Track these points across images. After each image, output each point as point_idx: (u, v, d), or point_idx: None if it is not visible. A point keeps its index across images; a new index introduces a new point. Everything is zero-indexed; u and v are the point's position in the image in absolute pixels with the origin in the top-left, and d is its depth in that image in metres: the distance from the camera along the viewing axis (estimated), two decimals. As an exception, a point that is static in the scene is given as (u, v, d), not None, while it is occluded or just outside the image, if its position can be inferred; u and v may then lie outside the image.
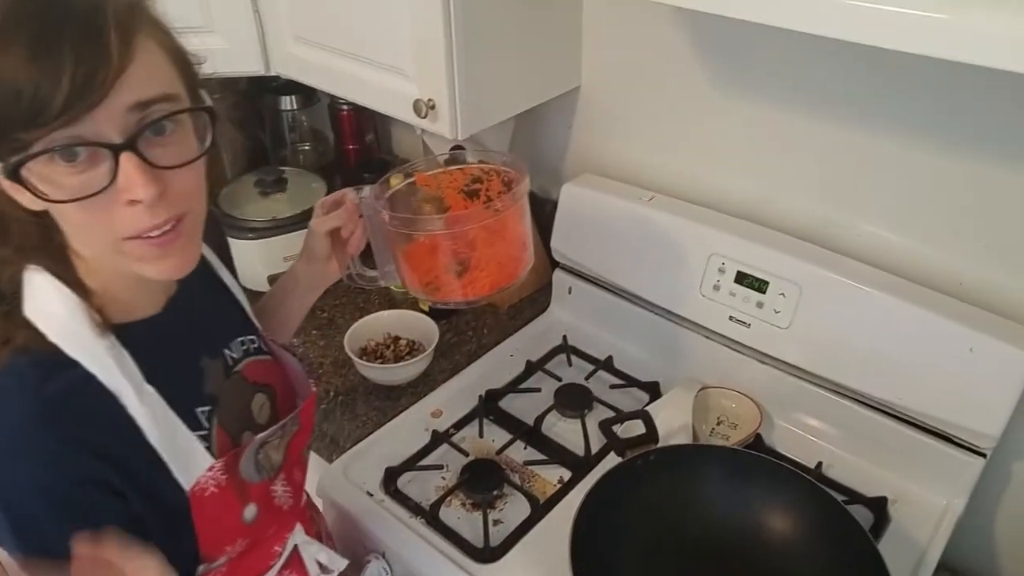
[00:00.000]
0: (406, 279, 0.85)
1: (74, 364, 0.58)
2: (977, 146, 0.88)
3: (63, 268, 0.60)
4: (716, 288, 1.07)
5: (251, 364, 0.75)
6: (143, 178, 0.53)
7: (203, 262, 0.72)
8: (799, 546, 0.85)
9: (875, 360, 0.95)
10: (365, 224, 0.84)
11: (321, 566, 0.81)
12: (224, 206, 1.32)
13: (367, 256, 0.89)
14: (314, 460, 1.12)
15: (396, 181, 0.87)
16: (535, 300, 1.37)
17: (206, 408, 0.67)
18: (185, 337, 0.68)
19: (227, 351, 0.73)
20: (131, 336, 0.62)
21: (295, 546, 0.78)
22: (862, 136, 0.96)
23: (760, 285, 1.03)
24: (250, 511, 0.68)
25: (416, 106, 0.99)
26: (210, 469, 0.63)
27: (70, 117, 0.49)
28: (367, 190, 0.83)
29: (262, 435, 0.70)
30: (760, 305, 1.03)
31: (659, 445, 0.91)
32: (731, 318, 1.07)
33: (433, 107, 0.99)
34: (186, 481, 0.62)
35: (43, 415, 0.56)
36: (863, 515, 0.95)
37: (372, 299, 1.38)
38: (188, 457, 0.63)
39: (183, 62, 0.59)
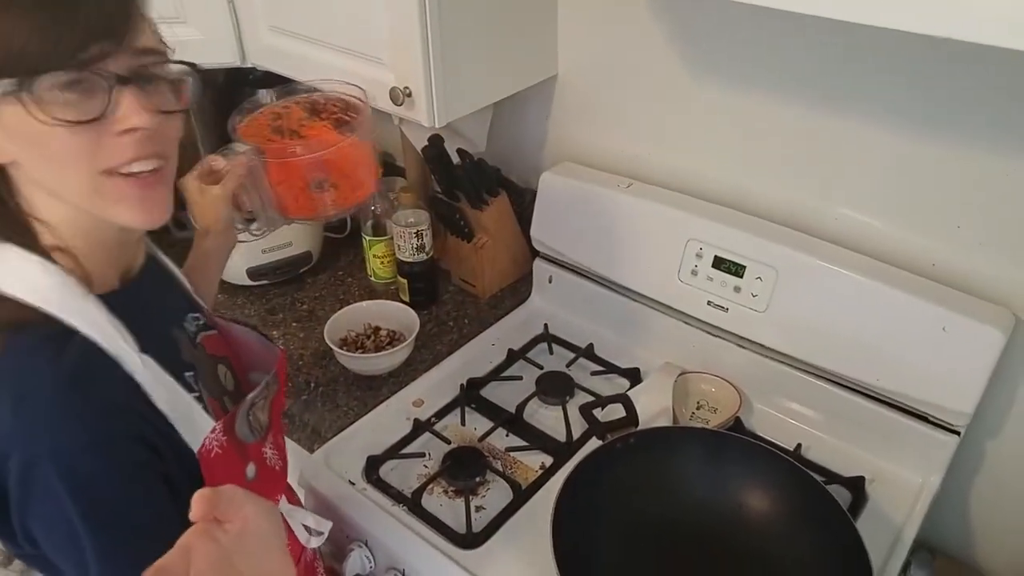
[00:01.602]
0: (287, 209, 0.90)
1: (75, 331, 0.59)
2: (951, 128, 0.89)
3: (28, 238, 0.61)
4: (694, 273, 1.08)
5: (206, 338, 0.76)
6: (145, 108, 0.57)
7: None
8: (779, 526, 0.86)
9: (852, 342, 0.96)
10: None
11: (308, 529, 0.81)
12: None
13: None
14: (295, 450, 1.12)
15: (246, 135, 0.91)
16: (516, 289, 1.37)
17: (191, 373, 0.68)
18: (152, 309, 0.69)
19: (186, 324, 0.73)
20: (111, 306, 0.62)
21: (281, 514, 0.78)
22: (836, 119, 0.97)
23: (737, 269, 1.04)
24: (251, 469, 0.69)
25: (392, 94, 0.98)
26: (212, 431, 0.64)
27: (95, 52, 0.54)
28: (239, 145, 0.86)
29: (251, 395, 0.71)
30: (737, 289, 1.04)
31: (639, 428, 0.91)
32: (709, 303, 1.08)
33: (409, 94, 0.98)
34: (193, 443, 0.63)
35: (73, 380, 0.57)
36: (841, 495, 0.96)
37: (352, 290, 1.38)
38: (191, 419, 0.64)
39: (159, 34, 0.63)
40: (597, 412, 0.98)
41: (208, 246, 0.90)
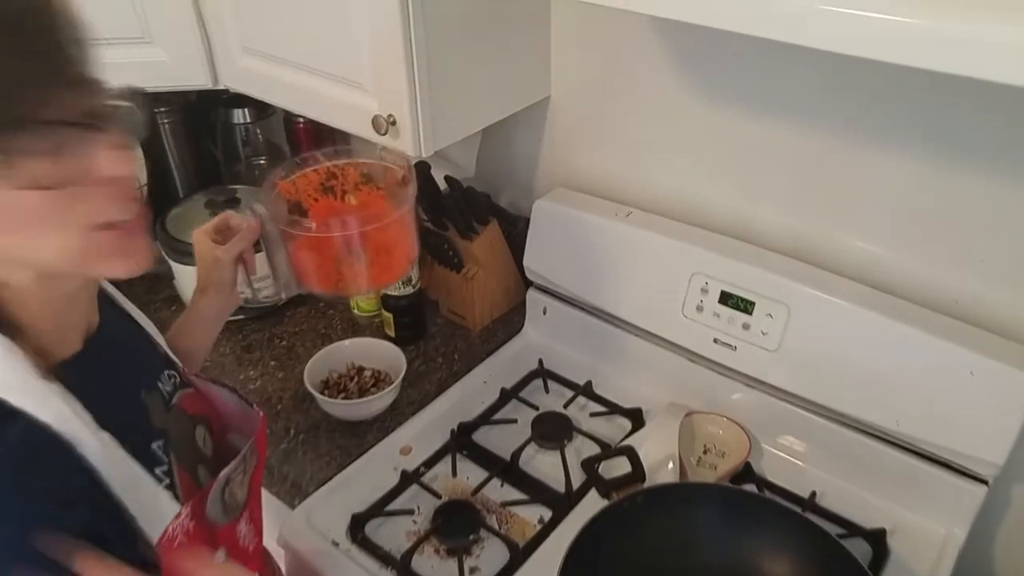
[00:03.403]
0: (311, 281, 0.84)
1: (20, 414, 0.51)
2: (969, 158, 0.84)
3: None
4: (699, 309, 1.02)
5: (183, 397, 0.69)
6: (127, 153, 0.52)
7: (108, 297, 0.68)
8: None
9: (870, 384, 0.90)
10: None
11: None
12: (171, 230, 1.23)
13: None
14: (275, 505, 1.04)
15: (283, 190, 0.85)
16: (508, 321, 1.30)
17: (159, 442, 0.61)
18: (118, 372, 0.62)
19: (160, 384, 0.66)
20: (68, 376, 0.56)
21: None
22: (848, 147, 0.91)
23: (746, 306, 0.97)
24: (220, 555, 0.61)
25: (375, 123, 0.91)
26: (177, 516, 0.56)
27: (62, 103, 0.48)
28: (258, 206, 0.81)
29: (227, 470, 0.63)
30: (746, 327, 0.98)
31: (646, 485, 0.84)
32: (716, 340, 1.01)
33: (394, 123, 0.91)
34: (153, 533, 0.55)
35: (9, 472, 0.50)
36: (861, 548, 0.90)
37: (334, 324, 1.30)
38: (153, 506, 0.56)
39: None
40: (599, 466, 0.90)
41: (205, 306, 0.83)
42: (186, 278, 1.23)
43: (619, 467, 0.88)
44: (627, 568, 0.79)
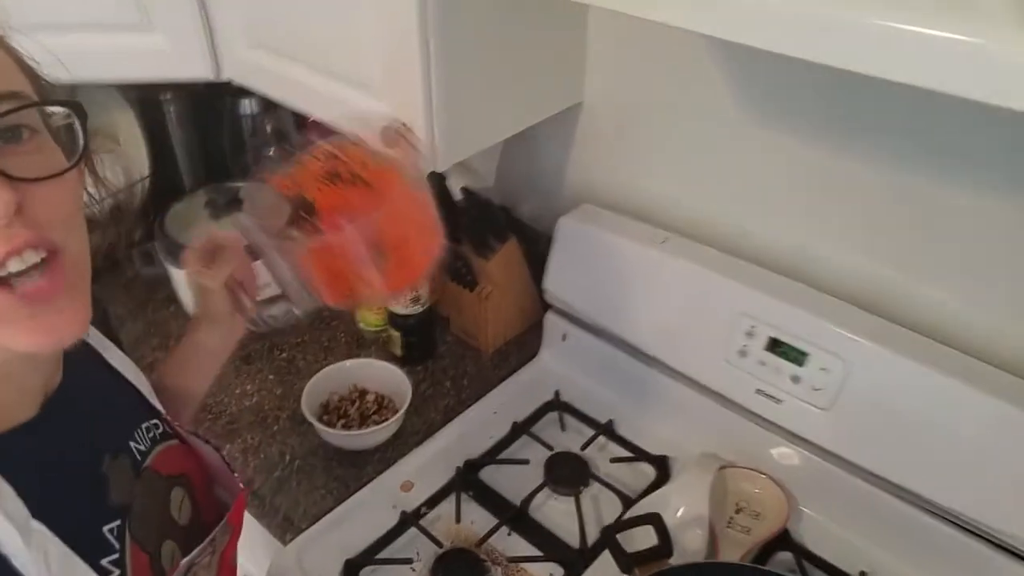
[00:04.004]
0: (324, 295, 0.70)
1: None
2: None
3: None
4: (743, 354, 0.91)
5: (162, 453, 0.60)
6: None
7: (83, 344, 0.57)
8: None
9: (938, 460, 0.79)
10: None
11: None
12: (170, 229, 1.15)
13: None
14: (265, 539, 0.96)
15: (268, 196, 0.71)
16: (523, 343, 1.20)
17: (114, 524, 0.51)
18: (77, 439, 0.53)
19: (132, 443, 0.57)
20: (5, 453, 0.47)
21: None
22: (924, 181, 0.79)
23: (797, 356, 0.86)
24: None
25: (385, 136, 0.80)
26: None
27: None
28: (243, 217, 0.69)
29: (188, 558, 0.54)
30: (796, 380, 0.87)
31: (672, 562, 0.74)
32: (759, 391, 0.90)
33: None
34: None
35: None
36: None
37: (338, 336, 1.21)
38: None
39: (29, 69, 0.47)
40: (622, 536, 0.80)
41: (202, 338, 0.74)
42: (185, 284, 1.14)
43: (643, 536, 0.78)
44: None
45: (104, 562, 0.49)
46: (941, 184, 0.78)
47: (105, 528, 0.50)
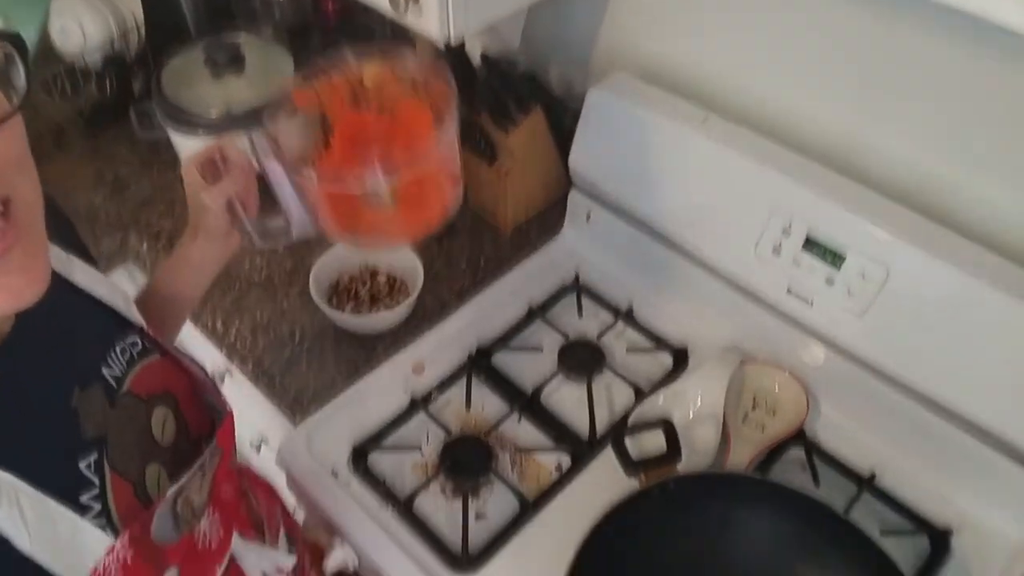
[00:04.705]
0: (328, 227, 0.68)
1: None
2: None
3: None
4: (776, 252, 0.84)
5: (140, 373, 0.56)
6: None
7: None
8: None
9: (975, 374, 0.74)
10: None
11: None
12: (167, 90, 1.06)
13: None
14: (275, 419, 0.97)
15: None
16: (545, 220, 1.14)
17: (90, 458, 0.49)
18: (39, 378, 0.49)
19: (105, 369, 0.54)
20: None
21: (232, 558, 0.64)
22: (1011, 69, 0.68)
23: (834, 258, 0.80)
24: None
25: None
26: (109, 552, 0.46)
27: None
28: (258, 138, 0.65)
29: (176, 486, 0.52)
30: (830, 282, 0.81)
31: (682, 463, 0.72)
32: (790, 291, 0.85)
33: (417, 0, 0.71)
34: None
35: None
36: (919, 543, 0.79)
37: (352, 209, 1.15)
38: (76, 551, 0.46)
39: None
40: (630, 440, 0.79)
41: (195, 252, 0.70)
42: (189, 151, 1.08)
43: (652, 437, 0.76)
44: (652, 566, 0.70)
45: (84, 499, 0.47)
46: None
47: (82, 464, 0.48)
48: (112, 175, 1.22)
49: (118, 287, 0.59)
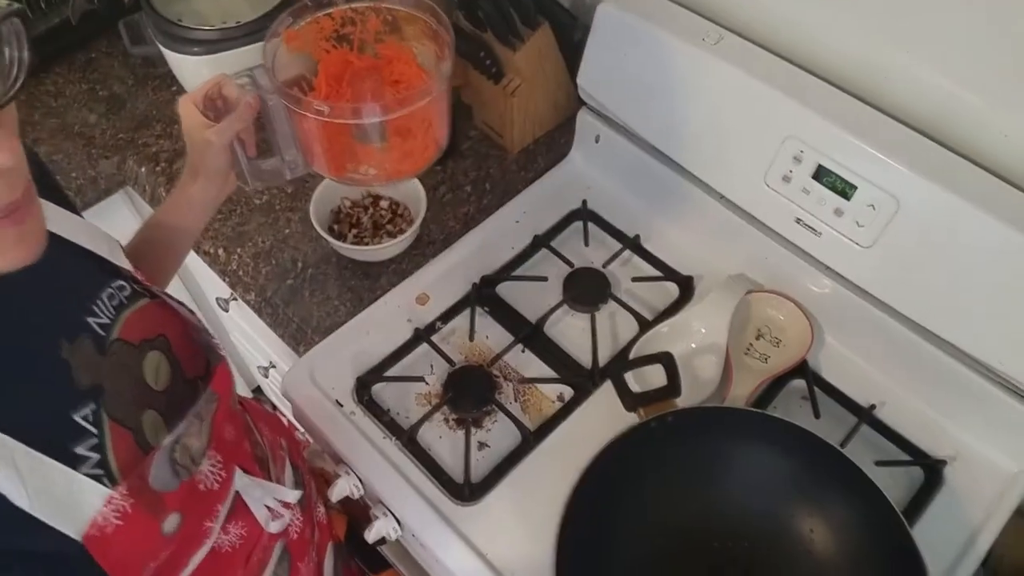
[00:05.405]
0: (321, 166, 0.69)
1: None
2: None
3: None
4: (786, 180, 0.81)
5: (130, 319, 0.56)
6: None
7: None
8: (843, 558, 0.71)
9: (981, 313, 0.73)
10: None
11: (271, 511, 0.69)
12: (157, 3, 1.01)
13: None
14: (280, 349, 0.98)
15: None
16: (553, 142, 1.11)
17: (87, 409, 0.50)
18: (25, 332, 0.49)
19: (92, 319, 0.53)
20: None
21: (236, 493, 0.66)
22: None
23: (845, 188, 0.77)
24: (171, 523, 0.53)
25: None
26: (108, 502, 0.47)
27: None
28: (259, 74, 0.65)
29: (172, 435, 0.53)
30: (839, 213, 0.78)
31: (683, 396, 0.73)
32: (798, 220, 0.83)
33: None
34: (77, 531, 0.46)
35: None
36: (914, 475, 0.81)
37: (353, 130, 1.12)
38: (74, 504, 0.46)
39: None
40: (629, 375, 0.79)
41: (197, 193, 0.69)
42: (184, 69, 1.05)
43: (653, 370, 0.76)
44: (648, 497, 0.72)
45: (80, 450, 0.47)
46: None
47: (78, 416, 0.48)
48: (107, 92, 1.19)
49: (101, 232, 0.58)
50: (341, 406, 0.86)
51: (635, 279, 0.95)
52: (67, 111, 1.15)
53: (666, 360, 0.74)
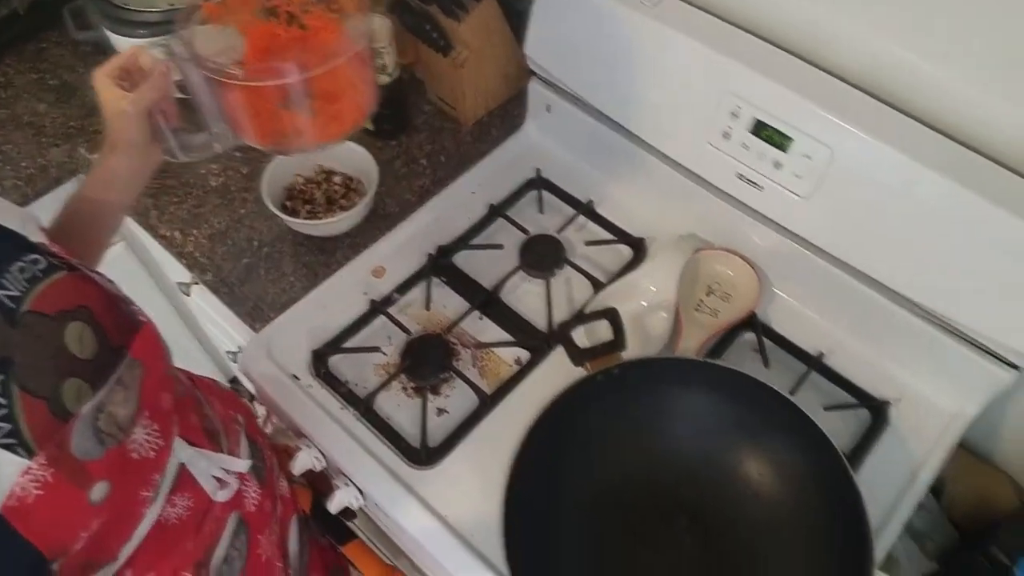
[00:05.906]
0: (248, 136, 0.69)
1: None
2: None
3: None
4: (726, 136, 0.83)
5: (45, 291, 0.54)
6: None
7: None
8: (784, 498, 0.73)
9: (912, 255, 0.75)
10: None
11: (220, 481, 0.69)
12: (100, -14, 1.01)
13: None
14: (238, 327, 0.98)
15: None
16: (507, 114, 1.12)
17: None
18: None
19: (0, 292, 0.52)
20: None
21: (182, 465, 0.66)
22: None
23: (781, 141, 0.78)
24: (98, 491, 0.53)
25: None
26: (25, 473, 0.47)
27: None
28: (175, 43, 0.63)
29: (92, 402, 0.52)
30: (778, 165, 0.80)
31: (630, 350, 0.74)
32: (740, 176, 0.84)
33: None
34: None
35: None
36: (862, 417, 0.83)
37: (306, 109, 1.12)
38: None
39: None
40: (576, 331, 0.80)
41: (117, 165, 0.68)
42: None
43: (604, 327, 0.78)
44: (596, 448, 0.73)
45: None
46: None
47: None
48: (57, 81, 1.18)
49: (14, 207, 0.57)
50: (298, 379, 0.87)
51: (589, 243, 0.97)
52: (16, 101, 1.14)
53: (611, 315, 0.75)
